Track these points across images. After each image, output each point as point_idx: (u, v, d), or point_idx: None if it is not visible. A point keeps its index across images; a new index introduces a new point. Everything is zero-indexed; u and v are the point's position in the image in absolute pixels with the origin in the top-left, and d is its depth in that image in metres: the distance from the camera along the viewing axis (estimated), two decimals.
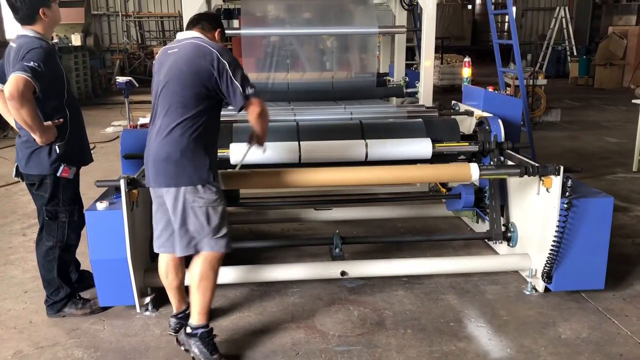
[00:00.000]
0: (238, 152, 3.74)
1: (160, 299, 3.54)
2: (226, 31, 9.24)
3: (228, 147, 3.78)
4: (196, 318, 2.92)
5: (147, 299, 3.47)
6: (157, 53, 15.83)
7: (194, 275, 2.89)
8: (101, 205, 3.25)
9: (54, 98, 3.18)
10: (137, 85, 7.64)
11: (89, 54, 14.32)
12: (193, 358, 2.94)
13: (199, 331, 2.91)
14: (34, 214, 3.60)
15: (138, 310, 3.44)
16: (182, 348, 3.02)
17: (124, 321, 3.39)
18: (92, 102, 13.35)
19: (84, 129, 3.49)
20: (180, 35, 3.00)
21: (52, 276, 3.39)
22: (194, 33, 2.96)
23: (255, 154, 3.22)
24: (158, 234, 3.03)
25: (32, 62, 2.95)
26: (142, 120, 4.34)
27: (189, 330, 2.93)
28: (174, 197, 2.83)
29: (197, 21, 3.03)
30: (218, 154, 3.80)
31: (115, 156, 7.09)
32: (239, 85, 2.82)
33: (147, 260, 3.63)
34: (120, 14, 18.27)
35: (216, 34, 3.04)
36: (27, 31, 3.14)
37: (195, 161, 2.81)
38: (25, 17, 3.14)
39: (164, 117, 2.83)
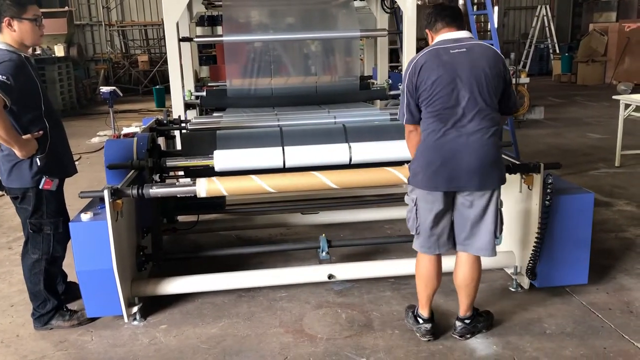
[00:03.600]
0: (221, 159, 3.75)
1: (147, 309, 3.55)
2: (209, 38, 9.26)
3: (212, 154, 3.78)
4: (470, 309, 3.18)
5: (135, 309, 3.46)
6: (141, 61, 15.57)
7: (474, 276, 3.12)
8: (85, 216, 3.25)
9: (30, 110, 3.16)
10: (121, 94, 7.64)
11: (72, 64, 14.24)
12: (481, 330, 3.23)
13: (473, 317, 3.19)
14: (20, 227, 3.58)
15: (126, 320, 3.43)
16: (467, 337, 3.17)
17: (112, 331, 3.38)
18: (77, 113, 13.30)
19: (66, 140, 3.49)
20: (453, 34, 2.93)
21: (39, 289, 3.38)
22: (469, 33, 2.96)
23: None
24: (440, 232, 3.05)
25: (0, 76, 2.95)
26: (126, 130, 4.32)
27: (467, 321, 3.18)
28: (487, 199, 2.94)
29: (459, 18, 2.98)
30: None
31: (101, 166, 6.98)
32: (514, 92, 3.02)
33: (133, 270, 3.63)
34: (103, 23, 18.19)
35: None
36: (1, 44, 3.13)
37: (502, 162, 3.06)
38: None
39: (478, 120, 2.85)
